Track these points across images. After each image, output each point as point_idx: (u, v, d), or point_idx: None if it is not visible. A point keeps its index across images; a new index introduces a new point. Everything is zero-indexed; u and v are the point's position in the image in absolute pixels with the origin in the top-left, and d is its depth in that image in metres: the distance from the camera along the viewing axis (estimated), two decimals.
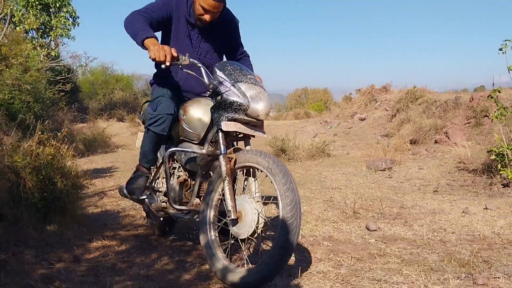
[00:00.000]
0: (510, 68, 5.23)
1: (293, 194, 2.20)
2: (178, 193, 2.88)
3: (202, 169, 2.74)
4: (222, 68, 2.52)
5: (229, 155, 2.45)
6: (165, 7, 2.77)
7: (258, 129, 2.58)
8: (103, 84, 23.63)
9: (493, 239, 3.18)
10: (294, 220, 2.16)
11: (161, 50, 2.41)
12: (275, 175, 2.24)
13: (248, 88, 2.44)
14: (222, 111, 2.45)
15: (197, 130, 2.71)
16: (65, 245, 3.11)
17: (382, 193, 5.07)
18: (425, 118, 9.88)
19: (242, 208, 2.37)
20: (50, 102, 10.41)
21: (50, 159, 3.44)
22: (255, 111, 2.43)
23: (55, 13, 14.82)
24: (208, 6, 2.66)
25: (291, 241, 2.15)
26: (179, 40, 2.87)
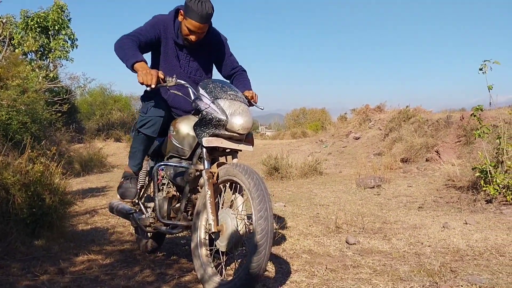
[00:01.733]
0: (490, 88, 5.38)
1: (265, 223, 2.18)
2: (166, 208, 2.93)
3: (190, 184, 2.76)
4: (205, 86, 2.62)
5: (212, 170, 2.50)
6: (153, 30, 2.91)
7: (244, 142, 2.62)
8: (101, 104, 23.86)
9: (465, 251, 3.28)
10: (263, 249, 2.16)
11: (148, 74, 2.53)
12: (253, 199, 2.25)
13: (227, 104, 2.51)
14: (203, 127, 2.52)
15: (186, 146, 2.77)
16: (51, 259, 3.21)
17: (367, 209, 5.17)
18: (416, 137, 10.02)
19: (224, 222, 2.40)
20: (47, 122, 10.55)
21: (39, 176, 3.56)
22: (234, 126, 2.48)
23: (54, 35, 15.11)
24: (193, 27, 2.81)
25: (257, 268, 2.16)
26: (168, 61, 3.01)
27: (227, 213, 2.43)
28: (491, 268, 2.87)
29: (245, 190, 2.35)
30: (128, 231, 4.26)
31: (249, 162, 12.59)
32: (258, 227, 2.18)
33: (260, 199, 2.23)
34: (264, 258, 2.17)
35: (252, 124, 2.62)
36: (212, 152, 2.62)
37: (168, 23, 2.96)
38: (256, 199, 2.23)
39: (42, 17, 14.81)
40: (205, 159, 2.54)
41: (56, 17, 14.98)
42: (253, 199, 2.24)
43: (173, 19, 2.96)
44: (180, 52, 3.02)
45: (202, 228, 2.58)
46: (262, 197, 2.24)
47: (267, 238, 2.17)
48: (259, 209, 2.21)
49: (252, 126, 2.64)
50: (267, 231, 2.18)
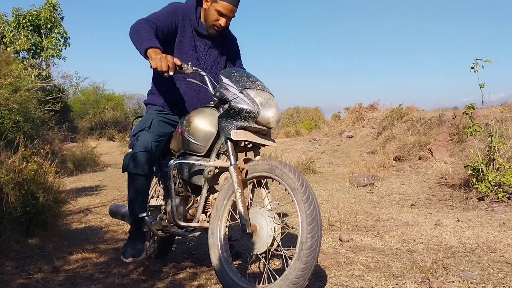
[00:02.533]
0: (482, 86, 5.43)
1: (313, 208, 2.04)
2: (182, 209, 2.71)
3: (209, 183, 2.56)
4: (228, 75, 2.41)
5: (240, 166, 2.32)
6: (171, 17, 2.72)
7: (267, 137, 2.47)
8: (94, 103, 23.78)
9: (457, 248, 3.31)
10: (314, 241, 2.02)
11: (163, 59, 2.33)
12: (295, 189, 2.09)
13: (257, 94, 2.33)
14: (230, 119, 2.32)
15: (203, 141, 2.55)
16: (45, 257, 3.22)
17: (361, 207, 5.20)
18: (409, 135, 10.08)
19: (256, 222, 2.24)
20: (40, 121, 10.50)
21: (33, 174, 3.56)
22: (266, 118, 2.31)
23: (46, 34, 15.04)
24: (224, 10, 2.66)
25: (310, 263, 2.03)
26: (183, 51, 2.80)
27: (256, 211, 2.27)
28: (482, 264, 2.91)
29: (281, 182, 2.16)
30: (122, 229, 4.26)
31: None
32: (308, 237, 2.01)
33: (308, 203, 2.05)
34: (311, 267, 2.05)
35: (280, 118, 2.46)
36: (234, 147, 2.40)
37: (188, 11, 2.79)
38: (304, 202, 2.05)
39: (34, 15, 14.73)
40: (231, 154, 2.33)
41: (48, 15, 14.91)
42: (299, 203, 2.06)
43: (195, 7, 2.81)
44: (199, 43, 2.84)
45: (222, 229, 2.40)
46: (311, 200, 2.06)
47: (316, 248, 2.03)
48: (309, 217, 2.03)
49: (280, 120, 2.47)
50: (317, 240, 2.04)
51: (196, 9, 2.81)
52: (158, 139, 2.72)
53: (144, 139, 2.67)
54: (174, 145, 2.77)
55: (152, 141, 2.66)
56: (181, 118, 2.75)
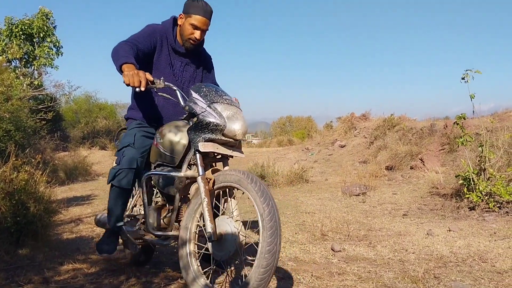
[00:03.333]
0: (472, 97, 5.48)
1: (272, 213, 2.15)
2: (156, 218, 2.81)
3: (181, 192, 2.66)
4: (198, 90, 2.52)
5: (208, 176, 2.42)
6: (150, 38, 2.87)
7: (236, 149, 2.56)
8: (86, 112, 23.68)
9: (449, 258, 3.33)
10: (273, 246, 2.10)
11: (135, 75, 2.41)
12: (255, 197, 2.20)
13: (224, 108, 2.43)
14: (199, 132, 2.42)
15: (174, 152, 2.66)
16: (36, 268, 3.18)
17: (353, 217, 5.21)
18: (401, 145, 10.13)
19: (222, 230, 2.32)
20: (31, 130, 10.45)
21: (24, 184, 3.54)
22: (232, 131, 2.41)
23: (38, 43, 15.00)
24: (198, 22, 2.83)
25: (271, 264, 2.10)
26: (160, 69, 2.95)
27: (223, 219, 2.36)
28: (473, 274, 2.92)
29: (244, 190, 2.27)
30: None
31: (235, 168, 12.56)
32: (267, 223, 2.12)
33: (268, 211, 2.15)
34: (271, 272, 2.11)
35: (247, 130, 2.56)
36: (203, 158, 2.51)
37: (165, 31, 2.95)
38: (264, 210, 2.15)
39: (27, 24, 14.70)
40: (199, 165, 2.43)
41: (41, 24, 14.88)
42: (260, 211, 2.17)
43: (172, 26, 2.97)
44: (175, 60, 3.00)
45: (193, 238, 2.49)
46: (266, 193, 2.19)
47: (276, 241, 2.13)
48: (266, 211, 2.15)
49: (247, 132, 2.58)
50: (276, 231, 2.13)
51: (173, 28, 2.98)
52: (142, 154, 2.86)
53: (130, 155, 2.80)
54: (151, 157, 2.89)
55: (137, 157, 2.80)
56: (156, 131, 2.87)
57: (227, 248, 2.29)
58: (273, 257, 2.11)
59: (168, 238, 2.73)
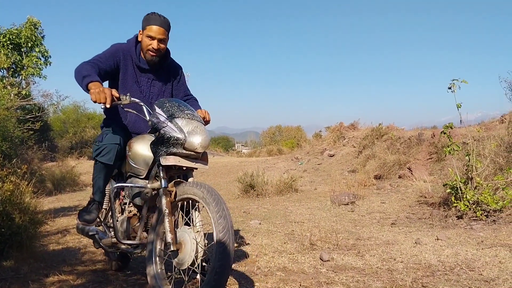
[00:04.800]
0: (459, 106, 5.53)
1: (225, 221, 2.26)
2: (126, 228, 2.93)
3: (148, 203, 2.78)
4: (161, 105, 2.64)
5: (169, 189, 2.55)
6: (112, 57, 2.96)
7: (199, 161, 2.65)
8: (75, 122, 23.56)
9: (436, 267, 3.34)
10: (226, 245, 2.22)
11: (101, 92, 2.51)
12: (209, 204, 2.32)
13: (185, 123, 2.55)
14: (161, 146, 2.53)
15: (141, 165, 2.78)
16: (20, 280, 3.14)
17: (342, 226, 5.21)
18: (389, 154, 10.18)
19: (182, 239, 2.44)
20: (19, 140, 10.37)
21: (9, 195, 3.49)
22: (192, 144, 2.52)
23: (26, 52, 14.91)
24: (153, 32, 2.92)
25: (225, 265, 2.22)
26: (127, 87, 3.04)
27: (184, 230, 2.47)
28: (461, 282, 2.93)
29: (199, 200, 2.41)
30: (100, 250, 4.18)
31: (225, 179, 12.56)
32: (219, 225, 2.25)
33: (215, 202, 2.31)
34: (229, 254, 2.23)
35: (209, 143, 2.66)
36: (168, 171, 2.63)
37: (129, 49, 3.04)
38: (212, 202, 2.31)
39: (14, 34, 14.62)
40: (162, 178, 2.56)
41: (29, 34, 14.81)
42: (209, 204, 2.32)
43: (135, 44, 3.05)
44: (141, 77, 3.08)
45: (157, 246, 2.62)
46: (217, 200, 2.32)
47: (229, 235, 2.24)
48: (216, 210, 2.28)
49: (209, 144, 2.67)
50: (228, 227, 2.26)
51: (136, 46, 3.07)
52: (124, 137, 2.95)
53: (113, 134, 2.91)
54: (124, 168, 3.01)
55: (120, 137, 2.90)
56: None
57: (186, 258, 2.38)
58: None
59: (137, 247, 2.86)
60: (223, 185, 11.36)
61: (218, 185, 11.41)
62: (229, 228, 2.27)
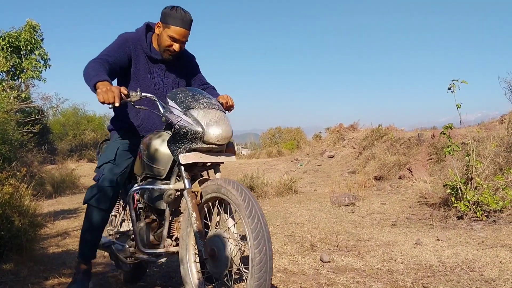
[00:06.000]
0: (458, 106, 5.53)
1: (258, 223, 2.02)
2: (146, 235, 2.61)
3: (171, 206, 2.48)
4: (173, 97, 2.38)
5: (194, 189, 2.28)
6: (122, 49, 2.69)
7: (224, 153, 2.40)
8: (74, 125, 23.56)
9: (437, 267, 3.33)
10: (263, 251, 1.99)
11: (109, 91, 2.26)
12: (239, 205, 2.07)
13: (201, 113, 2.28)
14: (178, 143, 2.28)
15: (161, 164, 2.47)
16: (20, 283, 3.12)
17: (342, 227, 5.21)
18: (389, 155, 10.17)
19: (215, 246, 2.19)
20: (18, 143, 10.36)
21: (8, 198, 3.49)
22: (213, 137, 2.25)
23: (26, 55, 14.90)
24: (177, 35, 2.65)
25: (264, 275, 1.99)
26: (139, 79, 2.77)
27: (218, 234, 2.23)
28: (461, 283, 2.92)
29: (230, 202, 2.15)
30: (100, 253, 4.17)
31: None
32: (256, 252, 1.98)
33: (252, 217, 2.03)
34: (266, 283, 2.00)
35: (232, 132, 2.37)
36: (191, 169, 2.37)
37: (139, 39, 2.77)
38: (248, 217, 2.03)
39: (14, 37, 14.60)
40: (184, 178, 2.30)
41: (28, 36, 14.80)
42: (246, 221, 2.04)
43: (145, 33, 2.80)
44: (154, 68, 2.81)
45: (191, 254, 2.34)
46: (254, 214, 2.04)
47: (266, 263, 1.99)
48: (254, 231, 2.01)
49: (232, 134, 2.37)
50: (266, 254, 1.99)
51: (146, 35, 2.81)
52: (123, 170, 2.68)
53: (110, 173, 2.63)
54: (137, 169, 2.71)
55: (118, 176, 2.63)
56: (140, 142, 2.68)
57: (222, 264, 2.16)
58: (265, 267, 1.99)
59: (160, 256, 2.55)
60: None
61: None
62: (263, 229, 2.03)
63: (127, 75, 2.77)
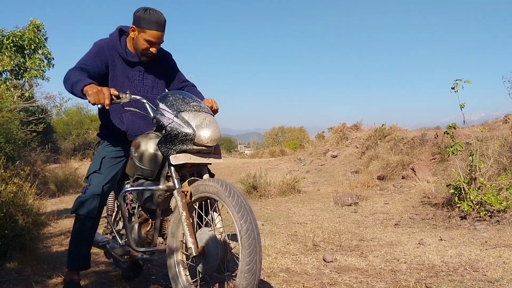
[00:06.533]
0: (462, 106, 5.52)
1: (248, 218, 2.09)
2: (139, 234, 2.72)
3: (161, 206, 2.59)
4: (164, 99, 2.46)
5: (184, 189, 2.34)
6: (98, 56, 2.73)
7: (212, 155, 2.48)
8: (78, 124, 23.64)
9: (440, 267, 3.33)
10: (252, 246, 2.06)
11: (99, 92, 2.31)
12: (228, 203, 2.14)
13: (192, 116, 2.37)
14: (169, 144, 2.36)
15: (150, 166, 2.55)
16: (24, 282, 3.14)
17: (345, 227, 5.20)
18: (392, 154, 10.16)
19: (204, 243, 2.25)
20: (22, 142, 10.39)
21: (12, 197, 3.50)
22: (203, 139, 2.34)
23: (30, 54, 14.95)
24: (153, 38, 2.68)
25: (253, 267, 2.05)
26: (118, 84, 2.78)
27: (206, 233, 2.28)
28: (465, 283, 2.92)
29: (219, 200, 2.22)
30: (101, 252, 4.18)
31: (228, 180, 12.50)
32: (242, 222, 2.07)
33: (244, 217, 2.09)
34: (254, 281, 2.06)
35: (220, 135, 2.46)
36: (180, 169, 2.45)
37: (113, 44, 2.80)
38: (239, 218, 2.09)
39: (18, 36, 14.65)
40: (174, 178, 2.38)
41: (32, 36, 14.84)
42: (236, 218, 2.10)
43: (119, 38, 2.83)
44: (132, 71, 2.84)
45: (179, 251, 2.42)
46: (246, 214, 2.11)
47: (256, 259, 2.05)
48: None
49: (220, 136, 2.47)
50: (256, 248, 2.06)
51: (120, 39, 2.83)
52: (110, 179, 2.76)
53: (96, 183, 2.71)
54: (128, 170, 2.78)
55: (103, 184, 2.71)
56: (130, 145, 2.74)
57: (211, 262, 2.22)
58: (253, 276, 2.05)
59: (153, 253, 2.66)
60: None
61: None
62: (253, 225, 2.09)
63: (105, 81, 2.78)
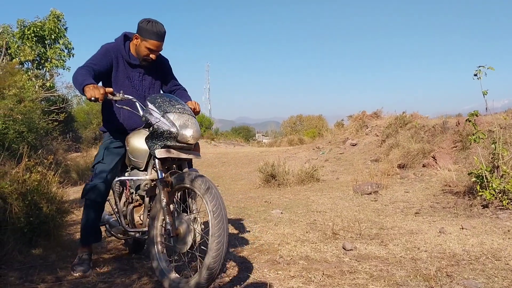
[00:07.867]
0: (485, 93, 5.42)
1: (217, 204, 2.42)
2: (131, 217, 3.18)
3: (148, 193, 3.01)
4: (153, 101, 2.82)
5: (166, 179, 2.71)
6: (105, 57, 3.15)
7: (192, 152, 2.87)
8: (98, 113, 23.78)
9: (461, 256, 3.30)
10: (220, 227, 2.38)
11: (95, 89, 2.73)
12: (202, 193, 2.47)
13: (176, 117, 2.73)
14: (155, 140, 2.74)
15: (140, 158, 3.04)
16: (49, 268, 3.22)
17: (364, 216, 5.19)
18: (413, 142, 10.04)
19: (181, 226, 2.61)
20: (44, 132, 10.56)
21: (36, 185, 3.57)
22: (185, 137, 2.71)
23: (50, 44, 15.13)
24: (154, 46, 3.13)
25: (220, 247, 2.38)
26: (119, 83, 3.22)
27: (183, 218, 2.63)
28: (486, 272, 2.89)
29: (195, 191, 2.54)
30: None
31: (246, 169, 12.60)
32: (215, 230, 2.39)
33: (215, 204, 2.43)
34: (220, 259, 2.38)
35: (200, 134, 2.85)
36: (164, 162, 2.82)
37: (118, 48, 3.21)
38: (210, 203, 2.43)
39: (38, 27, 14.84)
40: (158, 169, 2.75)
41: (52, 26, 15.02)
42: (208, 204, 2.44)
43: (123, 43, 3.24)
44: (132, 73, 3.27)
45: (158, 231, 2.79)
46: (216, 201, 2.44)
47: (223, 239, 2.39)
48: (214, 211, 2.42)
49: (200, 135, 2.85)
50: (223, 230, 2.39)
51: (125, 43, 3.26)
52: (113, 168, 3.22)
53: (101, 171, 3.17)
54: (126, 161, 3.27)
55: (107, 172, 3.17)
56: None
57: (185, 242, 2.57)
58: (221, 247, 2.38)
59: (144, 233, 3.07)
60: (244, 175, 11.40)
61: (239, 175, 11.46)
62: (221, 207, 2.42)
63: (108, 80, 3.24)
